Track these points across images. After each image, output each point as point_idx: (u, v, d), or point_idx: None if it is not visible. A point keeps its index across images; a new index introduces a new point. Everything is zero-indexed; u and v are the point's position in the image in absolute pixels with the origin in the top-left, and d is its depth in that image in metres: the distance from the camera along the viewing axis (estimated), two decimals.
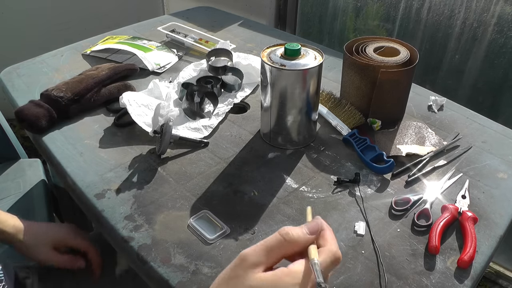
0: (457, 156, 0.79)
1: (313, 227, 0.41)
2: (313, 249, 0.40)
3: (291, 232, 0.39)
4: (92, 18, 1.82)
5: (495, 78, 1.25)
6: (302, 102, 0.76)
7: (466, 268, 0.59)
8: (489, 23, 1.19)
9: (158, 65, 1.05)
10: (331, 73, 1.04)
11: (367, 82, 0.83)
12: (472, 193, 0.71)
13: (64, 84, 0.89)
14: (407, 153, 0.78)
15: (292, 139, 0.81)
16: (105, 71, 0.94)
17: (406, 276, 0.58)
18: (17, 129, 1.74)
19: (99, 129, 0.84)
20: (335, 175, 0.74)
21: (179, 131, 0.82)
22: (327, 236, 0.41)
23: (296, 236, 0.39)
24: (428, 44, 1.34)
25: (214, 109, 0.89)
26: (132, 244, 0.61)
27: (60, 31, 1.71)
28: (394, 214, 0.67)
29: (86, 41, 1.17)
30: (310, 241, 0.40)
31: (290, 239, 0.39)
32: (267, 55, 0.75)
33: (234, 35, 1.24)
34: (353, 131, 0.82)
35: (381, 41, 0.89)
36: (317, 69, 0.73)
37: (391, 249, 0.62)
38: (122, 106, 0.85)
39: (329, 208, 0.68)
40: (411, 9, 1.33)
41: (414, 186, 0.73)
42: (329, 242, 0.41)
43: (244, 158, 0.79)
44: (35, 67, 1.05)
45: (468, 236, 0.61)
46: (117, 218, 0.66)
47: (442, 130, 0.86)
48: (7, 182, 1.09)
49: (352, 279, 0.57)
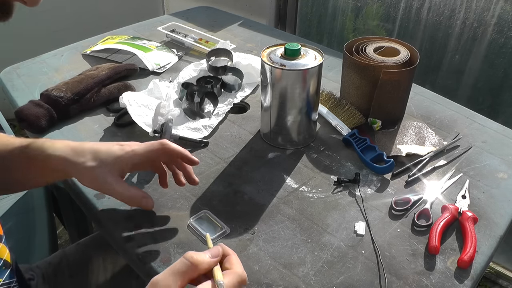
0: (457, 156, 0.79)
1: (214, 251, 0.47)
2: (217, 271, 0.45)
3: (195, 256, 0.44)
4: (92, 18, 1.82)
5: (495, 78, 1.25)
6: (302, 102, 0.76)
7: (466, 268, 0.59)
8: (489, 23, 1.19)
9: (158, 65, 1.05)
10: (331, 73, 1.04)
11: (367, 82, 0.83)
12: (472, 193, 0.71)
13: (64, 84, 0.89)
14: (407, 153, 0.78)
15: (292, 139, 0.81)
16: (105, 71, 0.94)
17: (406, 276, 0.58)
18: (17, 129, 1.74)
19: (99, 129, 0.84)
20: (335, 175, 0.74)
21: (179, 131, 0.82)
22: (233, 260, 0.47)
23: (200, 259, 0.44)
24: (428, 44, 1.34)
25: (214, 109, 0.89)
26: (132, 244, 0.62)
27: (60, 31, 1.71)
28: (394, 214, 0.67)
29: (86, 41, 1.17)
30: (213, 264, 0.46)
31: (194, 261, 0.44)
32: (267, 55, 0.75)
33: (234, 35, 1.24)
34: (353, 131, 0.82)
35: (381, 41, 0.89)
36: (317, 69, 0.73)
37: (391, 249, 0.62)
38: (122, 106, 0.85)
39: (329, 208, 0.68)
40: (411, 9, 1.33)
41: (414, 186, 0.73)
42: (234, 265, 0.47)
43: (244, 158, 0.79)
44: (35, 67, 1.05)
45: (468, 236, 0.61)
46: (117, 218, 0.66)
47: (442, 130, 0.86)
48: None
49: (352, 279, 0.57)
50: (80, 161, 0.60)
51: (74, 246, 0.85)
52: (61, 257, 0.82)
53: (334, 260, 0.60)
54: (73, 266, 0.80)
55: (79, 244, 0.86)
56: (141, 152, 0.62)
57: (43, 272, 0.78)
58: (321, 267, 0.59)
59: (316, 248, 0.62)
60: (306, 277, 0.58)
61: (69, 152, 0.60)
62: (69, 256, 0.82)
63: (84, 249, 0.84)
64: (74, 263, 0.81)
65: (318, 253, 0.61)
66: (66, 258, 0.82)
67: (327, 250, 0.61)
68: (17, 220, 0.99)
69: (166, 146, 0.62)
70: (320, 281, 0.57)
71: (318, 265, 0.59)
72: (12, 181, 0.65)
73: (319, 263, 0.59)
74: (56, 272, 0.79)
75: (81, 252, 0.83)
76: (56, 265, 0.80)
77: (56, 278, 0.78)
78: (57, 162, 0.60)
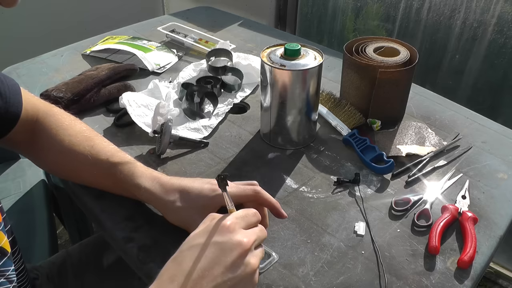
0: (457, 156, 0.79)
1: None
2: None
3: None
4: (92, 18, 1.81)
5: (495, 78, 1.25)
6: (302, 102, 0.76)
7: (466, 268, 0.59)
8: (489, 23, 1.19)
9: (158, 65, 1.05)
10: (331, 73, 1.04)
11: (367, 82, 0.83)
12: (472, 193, 0.71)
13: (64, 85, 0.89)
14: (407, 153, 0.78)
15: (292, 139, 0.81)
16: (105, 71, 0.94)
17: (406, 276, 0.58)
18: None
19: (99, 130, 0.84)
20: (335, 175, 0.74)
21: (178, 131, 0.82)
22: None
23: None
24: (428, 44, 1.34)
25: (214, 109, 0.89)
26: (132, 244, 0.62)
27: (60, 31, 1.71)
28: (394, 214, 0.67)
29: (86, 41, 1.17)
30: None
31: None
32: (267, 55, 0.75)
33: (234, 35, 1.24)
34: (353, 131, 0.82)
35: (381, 41, 0.89)
36: (317, 69, 0.73)
37: (391, 249, 0.62)
38: (122, 107, 0.85)
39: (329, 208, 0.68)
40: (411, 9, 1.33)
41: (414, 186, 0.73)
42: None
43: (244, 158, 0.79)
44: (35, 67, 1.05)
45: (468, 236, 0.61)
46: (117, 218, 0.66)
47: (442, 130, 0.86)
48: (7, 182, 1.09)
49: (352, 279, 0.57)
50: (169, 199, 0.59)
51: (78, 246, 0.85)
52: (64, 257, 0.82)
53: (334, 261, 0.60)
54: (76, 266, 0.81)
55: (82, 244, 0.86)
56: (233, 196, 0.56)
57: (47, 271, 0.79)
58: (321, 268, 0.59)
59: (316, 249, 0.62)
60: (306, 277, 0.58)
61: (157, 188, 0.60)
62: (72, 256, 0.82)
63: (87, 249, 0.84)
64: (78, 263, 0.81)
65: (318, 254, 0.61)
66: (69, 258, 0.82)
67: (327, 250, 0.61)
68: (17, 220, 0.99)
69: (260, 195, 0.58)
70: (320, 281, 0.57)
71: (318, 265, 0.59)
72: (101, 187, 0.68)
73: (319, 264, 0.59)
74: (60, 272, 0.79)
75: (84, 252, 0.83)
76: (60, 265, 0.81)
77: (60, 278, 0.79)
78: (145, 194, 0.61)
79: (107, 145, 0.67)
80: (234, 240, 0.45)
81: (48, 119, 0.67)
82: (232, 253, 0.45)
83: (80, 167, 0.66)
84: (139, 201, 0.66)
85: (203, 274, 0.43)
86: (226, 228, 0.46)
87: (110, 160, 0.64)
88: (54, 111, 0.70)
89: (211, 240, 0.45)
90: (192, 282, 0.43)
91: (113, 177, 0.63)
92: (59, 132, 0.66)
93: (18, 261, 0.61)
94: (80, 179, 0.69)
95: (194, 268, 0.44)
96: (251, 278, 0.46)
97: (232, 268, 0.44)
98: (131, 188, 0.62)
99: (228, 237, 0.45)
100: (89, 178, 0.67)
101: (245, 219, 0.49)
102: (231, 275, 0.44)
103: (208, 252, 0.45)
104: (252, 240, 0.47)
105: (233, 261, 0.44)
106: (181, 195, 0.59)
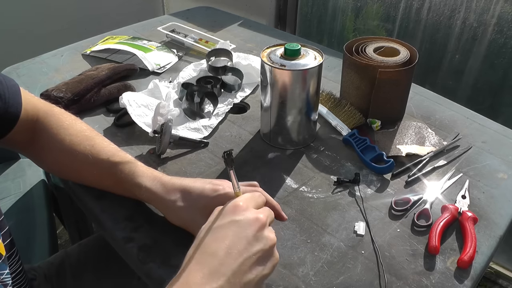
0: (457, 156, 0.79)
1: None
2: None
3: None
4: (92, 18, 1.82)
5: (495, 78, 1.25)
6: (302, 102, 0.76)
7: (466, 268, 0.59)
8: (489, 23, 1.19)
9: (158, 65, 1.05)
10: (331, 73, 1.04)
11: (367, 82, 0.83)
12: (472, 193, 0.71)
13: (64, 85, 0.89)
14: (407, 153, 0.78)
15: (292, 139, 0.81)
16: (105, 71, 0.94)
17: (406, 276, 0.58)
18: None
19: (99, 130, 0.84)
20: (335, 175, 0.74)
21: (179, 131, 0.82)
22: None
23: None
24: (428, 44, 1.34)
25: (214, 109, 0.89)
26: (132, 244, 0.62)
27: (60, 31, 1.71)
28: (394, 214, 0.67)
29: (86, 41, 1.17)
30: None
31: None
32: (267, 55, 0.75)
33: (234, 35, 1.24)
34: (353, 131, 0.82)
35: (381, 41, 0.89)
36: (317, 69, 0.73)
37: (391, 249, 0.62)
38: (122, 107, 0.85)
39: (329, 208, 0.68)
40: (411, 9, 1.33)
41: (414, 186, 0.73)
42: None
43: (244, 158, 0.79)
44: (35, 67, 1.05)
45: (468, 236, 0.61)
46: (117, 218, 0.66)
47: (442, 130, 0.86)
48: (7, 182, 1.09)
49: (352, 279, 0.57)
50: (170, 199, 0.59)
51: (76, 247, 0.85)
52: (63, 258, 0.82)
53: (334, 260, 0.60)
54: (75, 266, 0.81)
55: (81, 245, 0.86)
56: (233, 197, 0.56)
57: (45, 272, 0.79)
58: (321, 267, 0.59)
59: (316, 248, 0.62)
60: (306, 277, 0.58)
61: (159, 187, 0.60)
62: (71, 257, 0.82)
63: (86, 250, 0.84)
64: (76, 263, 0.81)
65: (318, 253, 0.61)
66: (68, 258, 0.82)
67: (327, 250, 0.61)
68: (17, 220, 0.99)
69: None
70: (320, 281, 0.57)
71: (318, 265, 0.59)
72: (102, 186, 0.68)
73: (319, 263, 0.59)
74: (59, 272, 0.79)
75: (83, 253, 0.83)
76: (58, 265, 0.80)
77: (58, 278, 0.79)
78: (146, 194, 0.61)
79: (108, 144, 0.67)
80: (250, 216, 0.47)
81: (48, 119, 0.67)
82: (251, 227, 0.46)
83: (80, 167, 0.66)
84: (139, 201, 0.66)
85: (229, 252, 0.44)
86: (240, 207, 0.48)
87: (110, 159, 0.64)
88: (54, 111, 0.70)
89: (228, 220, 0.47)
90: (219, 261, 0.43)
91: (114, 177, 0.63)
92: (59, 132, 0.66)
93: (16, 263, 0.61)
94: (80, 178, 0.69)
95: (219, 247, 0.44)
96: (273, 252, 0.47)
97: (255, 241, 0.45)
98: (132, 187, 0.62)
99: (244, 215, 0.47)
100: (90, 177, 0.67)
101: (254, 200, 0.50)
102: (255, 249, 0.45)
103: (228, 231, 0.46)
104: (266, 215, 0.48)
105: (254, 234, 0.45)
106: (182, 195, 0.59)
